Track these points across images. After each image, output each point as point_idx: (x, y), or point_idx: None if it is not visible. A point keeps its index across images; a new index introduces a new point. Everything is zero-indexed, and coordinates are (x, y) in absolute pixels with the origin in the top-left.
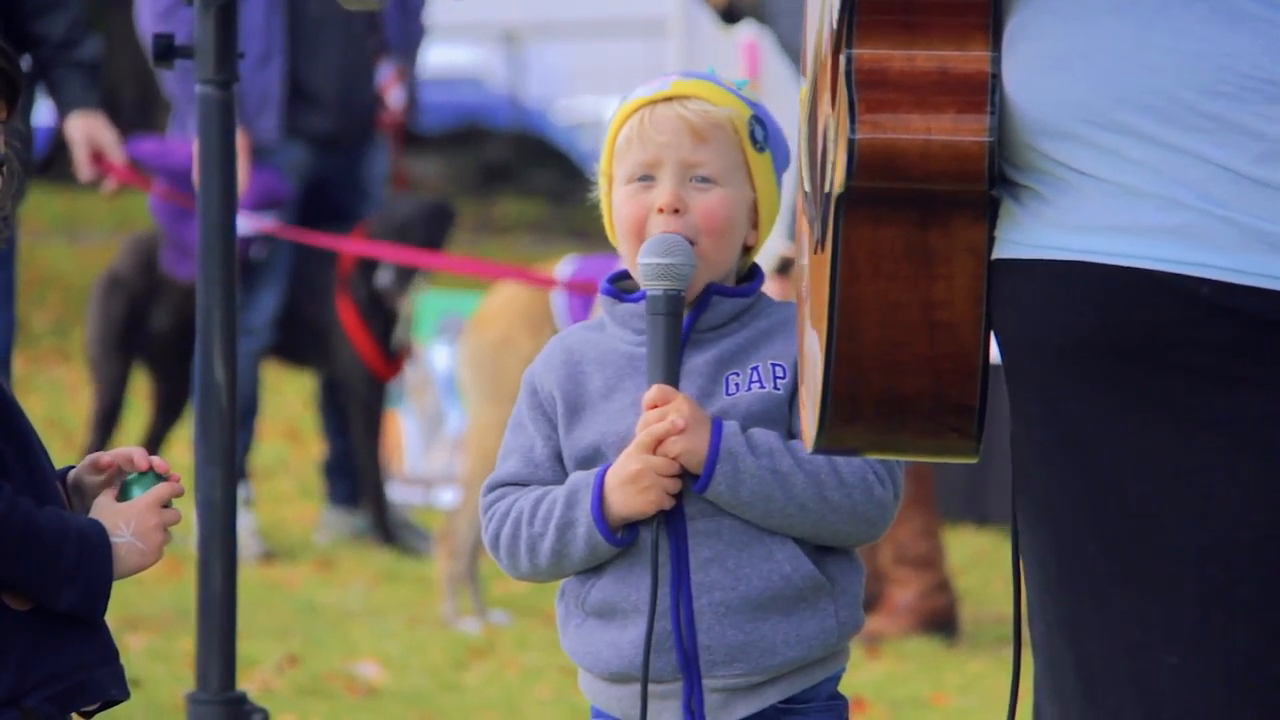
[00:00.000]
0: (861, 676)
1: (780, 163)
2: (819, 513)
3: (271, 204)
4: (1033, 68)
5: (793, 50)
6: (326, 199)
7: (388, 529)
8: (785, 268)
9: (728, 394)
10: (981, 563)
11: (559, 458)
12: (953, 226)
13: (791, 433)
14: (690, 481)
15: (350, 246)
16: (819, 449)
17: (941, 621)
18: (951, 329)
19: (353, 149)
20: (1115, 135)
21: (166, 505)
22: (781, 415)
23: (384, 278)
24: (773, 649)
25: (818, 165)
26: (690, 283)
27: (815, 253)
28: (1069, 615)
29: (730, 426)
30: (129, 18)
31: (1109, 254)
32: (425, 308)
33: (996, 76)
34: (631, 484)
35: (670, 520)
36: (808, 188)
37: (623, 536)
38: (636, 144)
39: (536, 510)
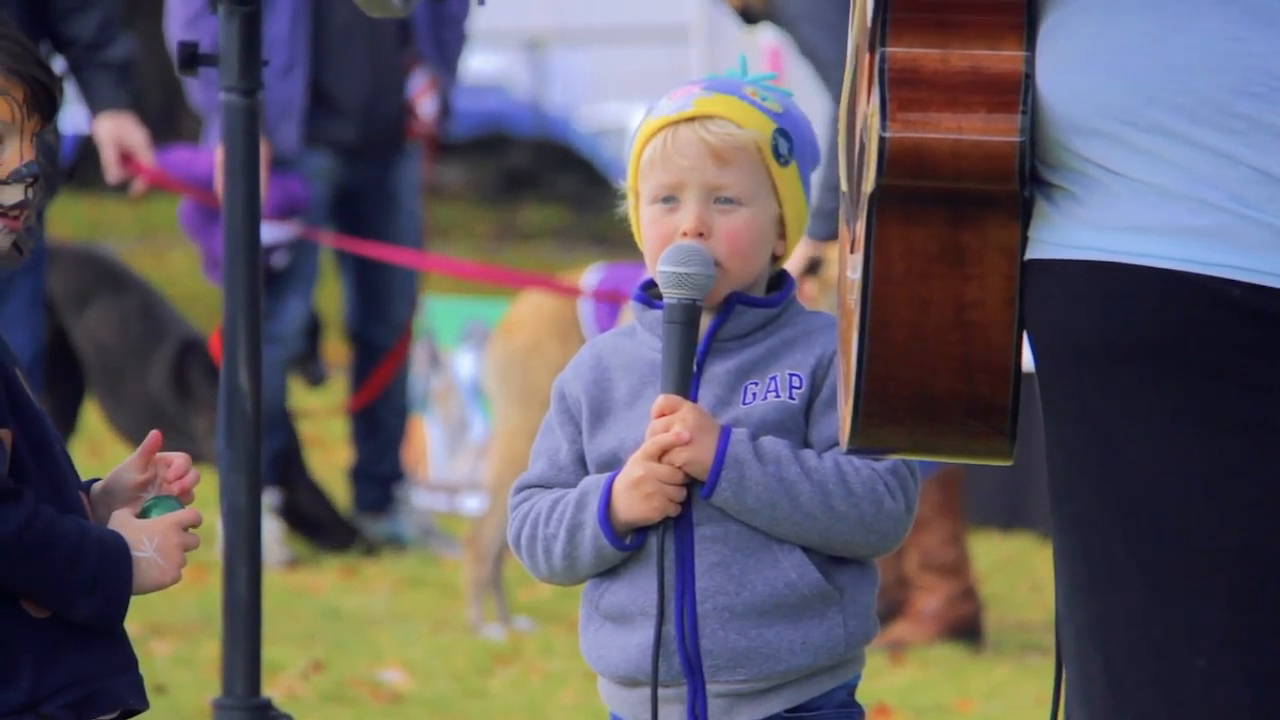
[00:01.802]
0: (886, 683)
1: (806, 167)
2: (826, 522)
3: (292, 211)
4: (1066, 66)
5: (810, 54)
6: (356, 209)
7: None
8: (813, 268)
9: (744, 403)
10: (1007, 569)
11: (583, 462)
12: (986, 227)
13: (807, 442)
14: (697, 488)
15: (377, 252)
16: (853, 449)
17: (967, 628)
18: (983, 329)
19: (382, 158)
20: (1147, 135)
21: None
22: (796, 425)
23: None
24: (776, 656)
25: (855, 165)
26: (709, 292)
27: (853, 252)
28: (1097, 617)
29: (738, 434)
30: (154, 24)
31: (1140, 255)
32: (448, 314)
33: (1030, 76)
34: (635, 489)
35: (678, 526)
36: (845, 187)
37: (630, 541)
38: (660, 166)
39: (552, 512)
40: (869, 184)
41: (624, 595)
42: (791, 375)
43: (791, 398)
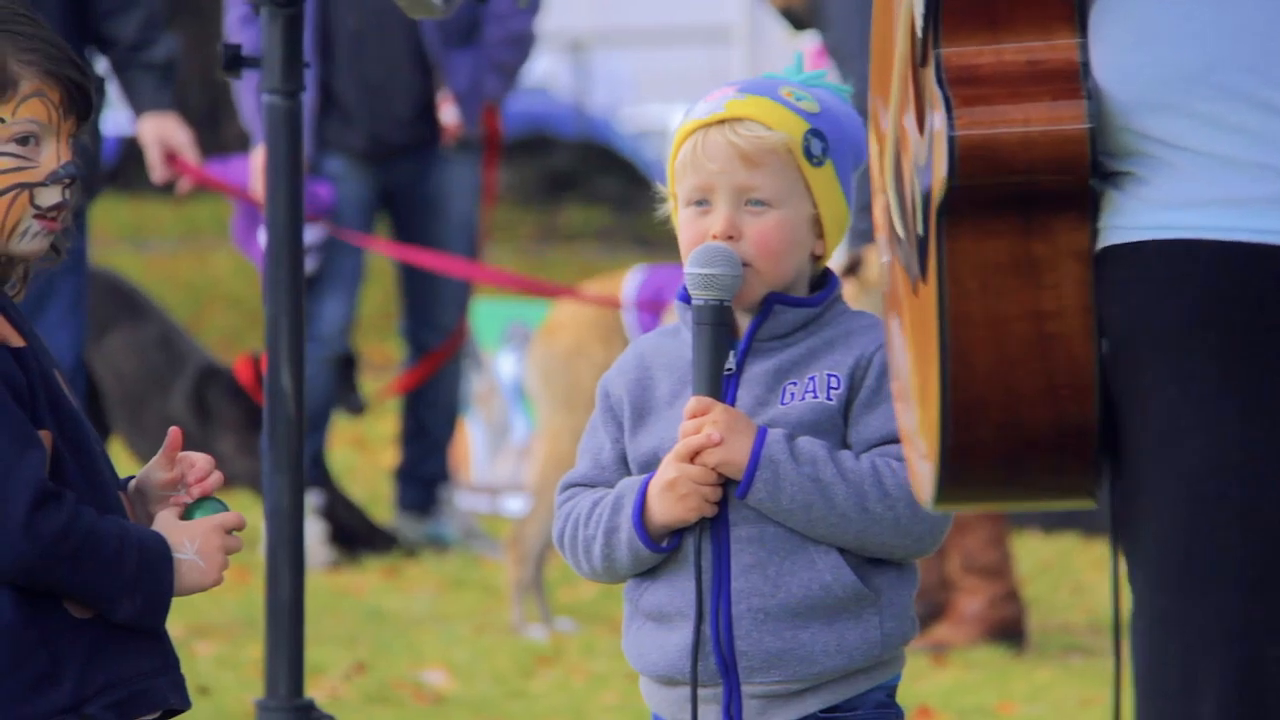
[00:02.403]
0: (928, 685)
1: (847, 167)
2: (861, 523)
3: (317, 214)
4: (1121, 47)
5: (840, 55)
6: (397, 213)
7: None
8: (853, 269)
9: (782, 403)
10: (1049, 571)
11: (625, 461)
12: (1056, 232)
13: (846, 443)
14: (733, 489)
15: (409, 255)
16: (940, 502)
17: (1009, 630)
18: (1064, 341)
19: (414, 163)
20: (1210, 101)
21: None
22: (834, 426)
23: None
24: (811, 657)
25: (909, 211)
26: (737, 293)
27: (915, 294)
28: (1171, 609)
29: (773, 434)
30: (197, 24)
31: (1206, 228)
32: (491, 316)
33: (1085, 64)
34: (670, 491)
35: (714, 526)
36: (900, 232)
37: (667, 544)
38: (691, 169)
39: (590, 513)
40: (937, 190)
41: (663, 595)
42: (830, 376)
43: (829, 398)
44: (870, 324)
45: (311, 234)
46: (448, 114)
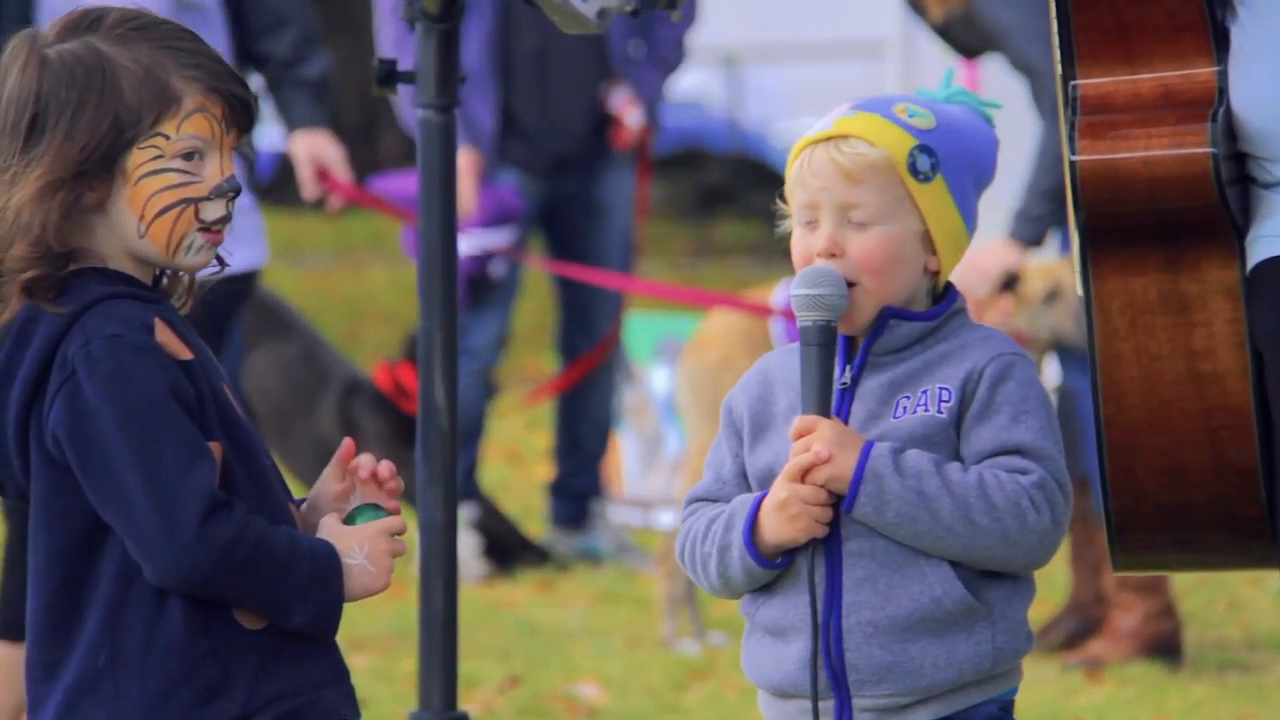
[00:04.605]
0: (1083, 701)
1: (962, 182)
2: (968, 536)
3: (506, 219)
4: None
5: (1025, 68)
6: (563, 219)
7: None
8: (1010, 284)
9: (894, 417)
10: (1205, 586)
11: (745, 476)
12: (1204, 269)
13: (959, 455)
14: (842, 504)
15: (566, 270)
16: (1119, 565)
17: (1165, 646)
18: (1218, 380)
19: (587, 169)
20: None
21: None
22: (945, 439)
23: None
24: (920, 670)
25: None
26: (849, 311)
27: None
28: None
29: (879, 448)
30: (351, 41)
31: None
32: (642, 330)
33: (1222, 90)
34: (780, 511)
35: (826, 541)
36: None
37: (781, 560)
38: (799, 187)
39: (707, 530)
40: (1073, 224)
41: (777, 610)
42: (942, 389)
43: (940, 411)
44: (986, 336)
45: (500, 237)
46: (632, 117)
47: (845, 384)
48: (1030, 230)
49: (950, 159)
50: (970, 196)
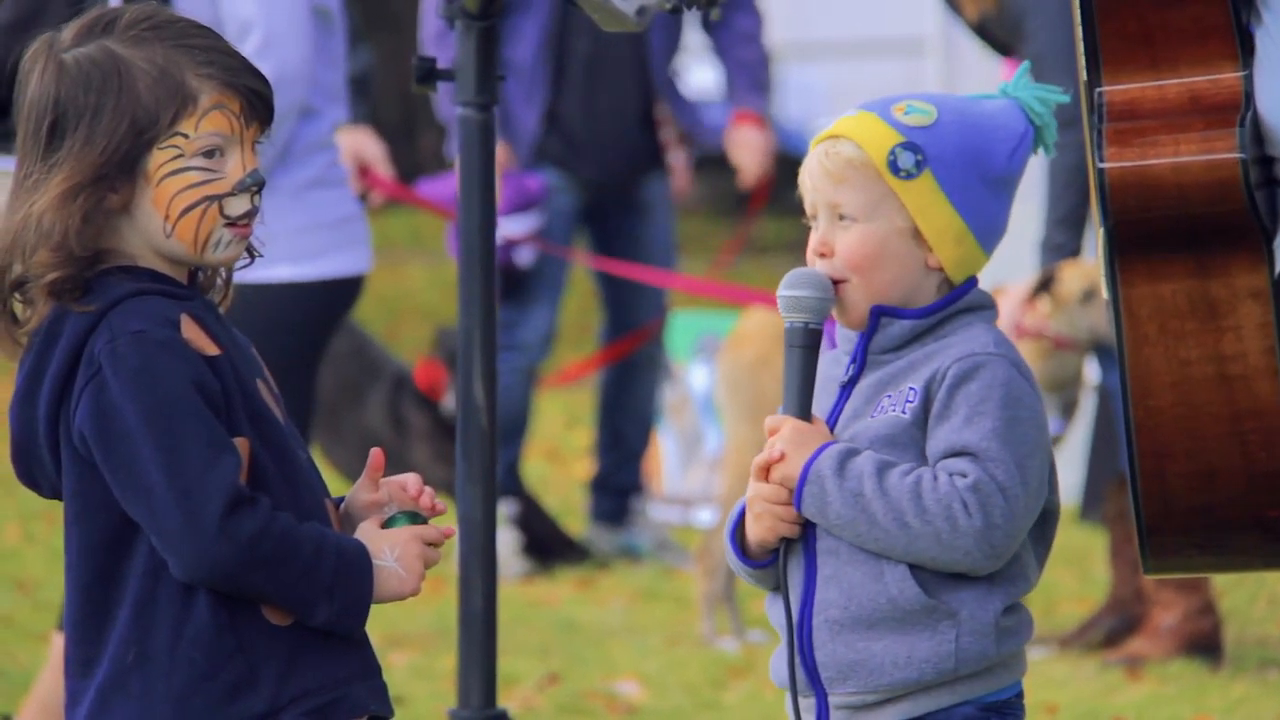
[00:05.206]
0: (1124, 699)
1: (952, 179)
2: (904, 539)
3: (528, 204)
4: None
5: (1043, 67)
6: (606, 218)
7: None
8: (1045, 285)
9: (872, 416)
10: (1245, 583)
11: None
12: (1233, 274)
13: (926, 455)
14: None
15: (612, 267)
16: (1149, 569)
17: (1205, 644)
18: (1247, 382)
19: (632, 175)
20: None
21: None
22: (910, 439)
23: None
24: (881, 669)
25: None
26: (841, 310)
27: None
28: None
29: (830, 450)
30: (392, 39)
31: None
32: (682, 328)
33: (1249, 95)
34: (749, 510)
35: (804, 539)
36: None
37: (767, 560)
38: (801, 187)
39: (723, 529)
40: (1099, 232)
41: (773, 609)
42: (910, 389)
43: (904, 412)
44: (970, 336)
45: (523, 223)
46: (678, 159)
47: (844, 381)
48: (1054, 259)
49: (943, 155)
50: (975, 191)
